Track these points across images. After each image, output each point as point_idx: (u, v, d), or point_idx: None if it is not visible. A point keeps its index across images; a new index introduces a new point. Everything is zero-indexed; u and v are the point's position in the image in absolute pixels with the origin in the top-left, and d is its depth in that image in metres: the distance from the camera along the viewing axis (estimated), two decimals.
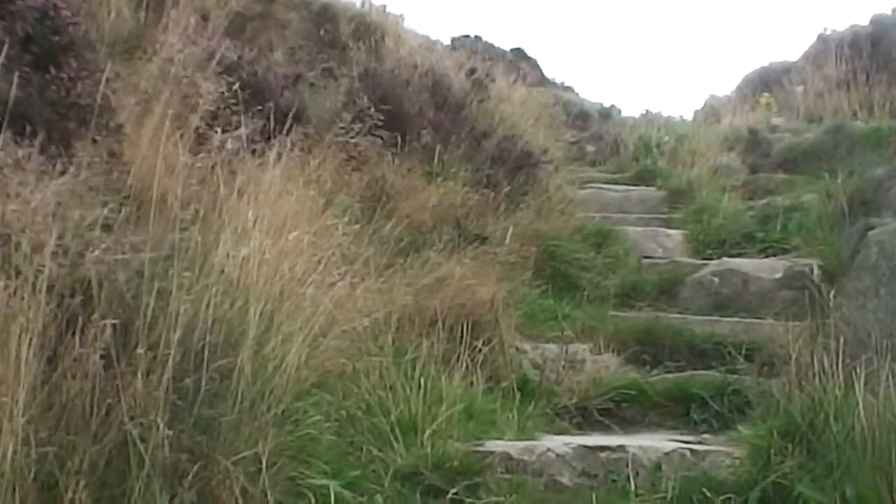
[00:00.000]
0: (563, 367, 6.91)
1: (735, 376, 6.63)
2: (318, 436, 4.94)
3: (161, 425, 4.06)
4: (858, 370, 4.86)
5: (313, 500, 4.59)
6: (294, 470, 4.62)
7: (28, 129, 4.82)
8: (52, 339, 4.00)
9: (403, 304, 6.38)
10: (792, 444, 4.97)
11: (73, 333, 4.04)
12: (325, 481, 4.70)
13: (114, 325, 4.09)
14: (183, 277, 4.35)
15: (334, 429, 5.18)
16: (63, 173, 4.58)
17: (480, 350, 6.44)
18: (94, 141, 5.18)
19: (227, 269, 4.54)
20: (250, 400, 4.38)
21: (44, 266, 4.02)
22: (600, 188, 12.45)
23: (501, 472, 5.23)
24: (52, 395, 3.99)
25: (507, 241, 8.13)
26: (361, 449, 5.29)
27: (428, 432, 5.45)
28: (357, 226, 6.96)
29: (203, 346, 4.30)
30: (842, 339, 5.15)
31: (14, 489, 3.81)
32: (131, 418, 4.05)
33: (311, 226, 5.32)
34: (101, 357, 4.02)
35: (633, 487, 5.15)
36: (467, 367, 6.25)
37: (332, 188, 7.20)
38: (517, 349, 7.01)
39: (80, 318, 4.07)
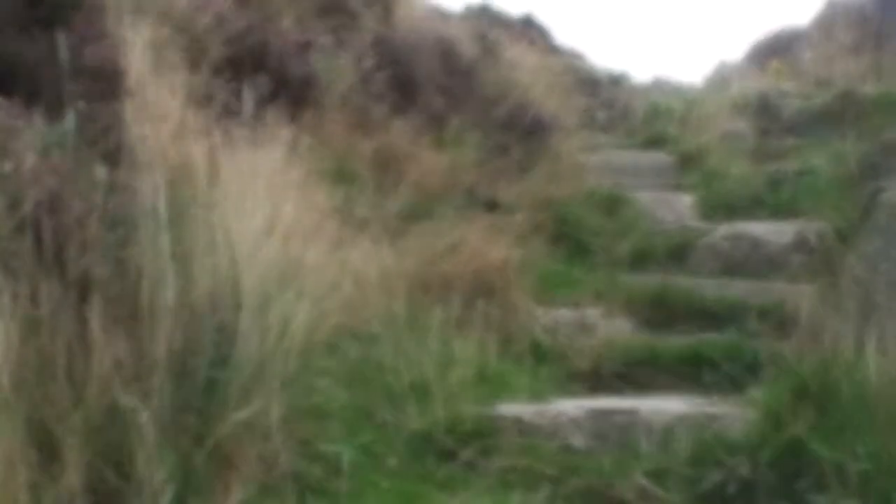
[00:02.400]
0: (576, 331, 6.91)
1: (746, 339, 6.63)
2: (330, 399, 4.96)
3: (167, 385, 4.08)
4: (869, 331, 4.86)
5: (326, 462, 4.62)
6: (306, 432, 4.64)
7: (35, 90, 4.82)
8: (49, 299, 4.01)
9: (415, 268, 6.39)
10: (804, 405, 4.97)
11: (72, 295, 4.05)
12: (337, 445, 4.73)
13: (115, 286, 4.11)
14: (183, 238, 4.37)
15: (346, 392, 5.20)
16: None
17: (493, 314, 6.45)
18: (102, 103, 5.17)
19: (229, 230, 4.54)
20: (259, 362, 4.39)
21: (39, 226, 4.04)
22: (611, 154, 12.45)
23: (514, 436, 5.24)
24: (50, 355, 3.99)
25: (519, 206, 8.12)
26: (374, 412, 5.31)
27: (440, 396, 5.46)
28: (366, 190, 6.98)
29: (206, 307, 4.32)
30: (853, 301, 5.16)
31: (12, 452, 3.82)
32: (135, 378, 4.06)
33: (318, 190, 5.32)
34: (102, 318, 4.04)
35: (645, 450, 5.16)
36: (480, 331, 6.25)
37: (341, 153, 7.21)
38: (530, 314, 7.01)
39: (80, 280, 4.09)
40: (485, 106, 10.39)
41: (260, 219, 4.62)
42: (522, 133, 10.30)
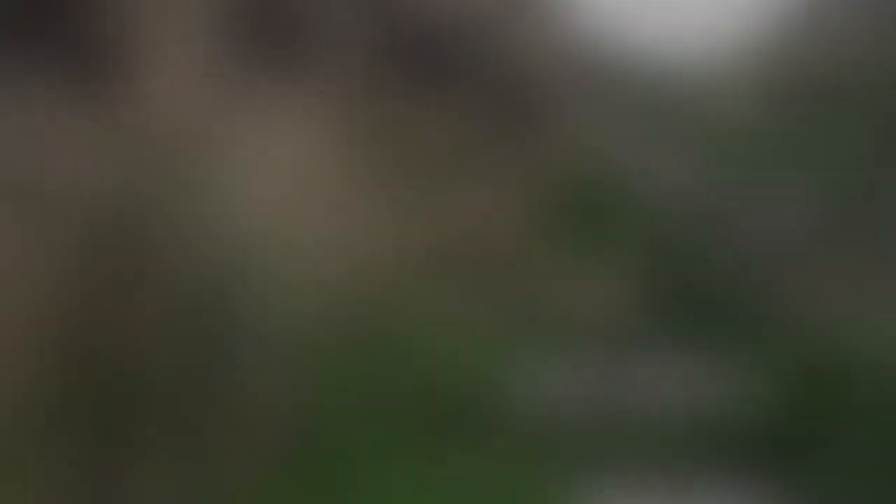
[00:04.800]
0: (580, 300, 6.92)
1: (756, 316, 6.63)
2: (331, 373, 4.95)
3: (173, 363, 4.07)
4: (878, 304, 4.86)
5: (324, 435, 4.60)
6: (304, 406, 4.63)
7: (42, 64, 4.80)
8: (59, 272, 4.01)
9: (415, 239, 6.38)
10: (813, 385, 4.97)
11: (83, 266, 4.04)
12: (339, 421, 4.72)
13: (123, 258, 4.09)
14: (193, 210, 4.35)
15: (349, 366, 5.20)
16: (76, 108, 4.57)
17: (495, 284, 6.45)
18: (111, 75, 5.15)
19: (238, 202, 4.53)
20: (261, 336, 4.37)
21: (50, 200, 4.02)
22: (615, 126, 12.44)
23: (510, 405, 5.24)
24: (62, 328, 3.99)
25: (524, 177, 8.11)
26: (370, 384, 5.30)
27: (443, 369, 5.45)
28: (368, 165, 6.97)
29: (215, 280, 4.30)
30: (864, 273, 5.15)
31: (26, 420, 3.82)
32: (143, 354, 4.05)
33: (320, 163, 5.31)
34: (110, 291, 4.02)
35: (647, 422, 5.16)
36: (483, 300, 6.25)
37: (342, 129, 7.19)
38: (532, 283, 7.02)
39: (89, 250, 4.07)
40: (490, 80, 10.37)
41: (267, 186, 4.63)
42: (527, 107, 10.29)
